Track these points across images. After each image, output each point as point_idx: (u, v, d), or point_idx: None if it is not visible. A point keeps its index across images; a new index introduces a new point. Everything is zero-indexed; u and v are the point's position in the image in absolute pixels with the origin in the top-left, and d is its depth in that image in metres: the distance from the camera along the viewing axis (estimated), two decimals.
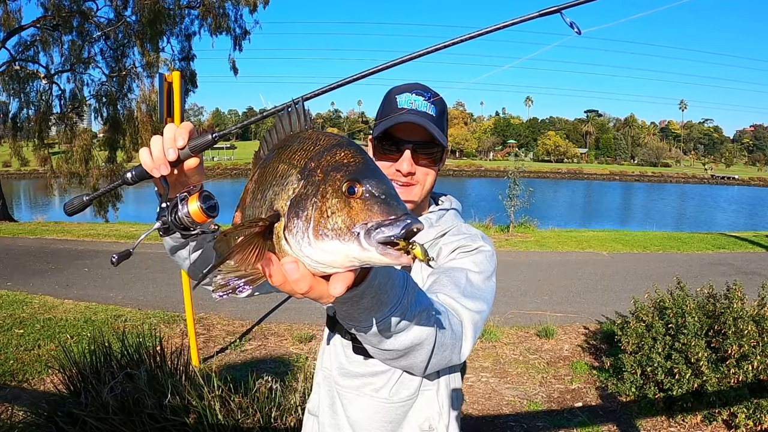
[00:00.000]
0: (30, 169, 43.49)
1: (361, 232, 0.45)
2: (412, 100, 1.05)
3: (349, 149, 0.52)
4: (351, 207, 0.46)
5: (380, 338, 0.74)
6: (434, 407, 1.07)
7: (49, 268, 7.50)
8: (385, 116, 1.06)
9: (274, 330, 4.95)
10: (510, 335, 4.93)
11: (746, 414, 2.94)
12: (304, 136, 0.59)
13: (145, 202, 27.12)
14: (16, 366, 3.99)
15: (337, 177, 0.48)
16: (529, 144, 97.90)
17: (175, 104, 3.59)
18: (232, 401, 2.42)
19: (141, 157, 0.80)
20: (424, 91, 1.07)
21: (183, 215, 0.78)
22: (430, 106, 1.06)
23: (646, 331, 3.45)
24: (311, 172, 0.50)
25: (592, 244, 10.22)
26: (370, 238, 0.45)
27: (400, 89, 1.08)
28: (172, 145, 0.78)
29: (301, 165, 0.52)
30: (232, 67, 17.26)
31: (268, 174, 0.57)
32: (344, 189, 0.47)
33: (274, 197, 0.52)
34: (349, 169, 0.49)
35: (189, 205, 0.77)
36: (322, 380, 1.16)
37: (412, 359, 0.82)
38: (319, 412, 1.15)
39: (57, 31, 14.91)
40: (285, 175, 0.53)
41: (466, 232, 1.13)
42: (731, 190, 53.40)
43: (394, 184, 0.95)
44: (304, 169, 0.51)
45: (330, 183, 0.48)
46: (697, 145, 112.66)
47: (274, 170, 0.56)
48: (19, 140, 17.29)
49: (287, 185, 0.51)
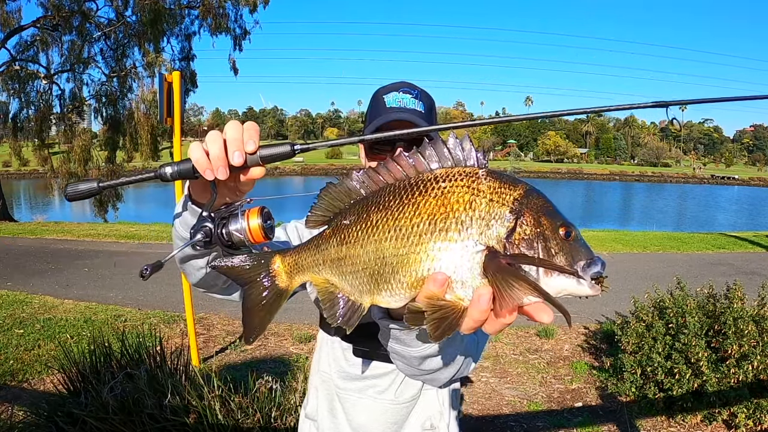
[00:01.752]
0: (30, 169, 43.49)
1: (578, 270, 0.52)
2: (400, 98, 1.05)
3: (542, 195, 0.56)
4: (570, 248, 0.53)
5: (421, 360, 0.77)
6: (435, 406, 1.07)
7: (49, 268, 7.50)
8: (374, 117, 1.06)
9: (274, 330, 4.95)
10: (510, 335, 4.92)
11: (746, 414, 2.93)
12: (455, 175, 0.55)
13: (145, 202, 27.11)
14: (16, 366, 3.99)
15: (555, 224, 0.53)
16: (529, 144, 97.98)
17: (175, 104, 3.59)
18: (232, 401, 2.42)
19: (192, 152, 0.67)
20: (411, 89, 1.07)
21: (236, 230, 0.69)
22: (418, 103, 1.06)
23: (646, 331, 3.45)
24: (522, 210, 0.53)
25: (592, 244, 9.94)
26: (587, 274, 0.52)
27: (386, 89, 1.08)
28: (239, 147, 0.65)
29: (501, 203, 0.53)
30: (232, 67, 17.25)
31: (427, 218, 0.53)
32: (562, 234, 0.53)
33: (479, 234, 0.52)
34: (557, 216, 0.54)
35: (249, 221, 0.69)
36: (320, 384, 1.15)
37: (439, 375, 0.86)
38: (318, 416, 1.15)
39: (57, 31, 14.89)
40: (485, 214, 0.52)
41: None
42: (731, 190, 53.39)
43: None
44: (516, 208, 0.53)
45: (549, 229, 0.53)
46: (697, 145, 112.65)
47: (440, 213, 0.53)
48: (19, 140, 17.29)
49: (493, 224, 0.52)
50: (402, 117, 1.02)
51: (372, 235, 0.54)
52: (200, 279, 0.88)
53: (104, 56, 15.89)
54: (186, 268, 0.89)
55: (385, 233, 0.53)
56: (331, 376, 1.12)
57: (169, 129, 3.85)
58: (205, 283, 0.90)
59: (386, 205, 0.55)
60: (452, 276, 0.51)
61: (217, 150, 0.65)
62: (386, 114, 1.03)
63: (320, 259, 0.60)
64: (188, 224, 0.77)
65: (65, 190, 0.70)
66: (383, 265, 0.54)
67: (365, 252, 0.55)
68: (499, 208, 0.52)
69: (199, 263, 0.85)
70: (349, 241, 0.56)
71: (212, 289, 0.94)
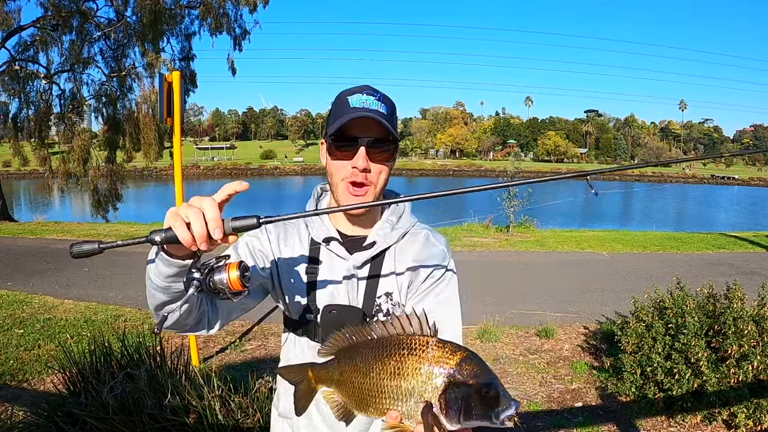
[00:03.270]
0: (30, 169, 43.39)
1: (492, 415, 0.71)
2: (363, 99, 1.05)
3: (474, 361, 0.75)
4: (488, 400, 0.72)
5: None
6: None
7: (49, 268, 7.50)
8: (338, 116, 1.06)
9: (274, 330, 4.95)
10: (510, 335, 4.93)
11: (746, 414, 2.94)
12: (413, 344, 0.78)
13: (145, 201, 27.15)
14: (16, 366, 3.99)
15: (478, 383, 0.73)
16: (529, 144, 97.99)
17: (175, 104, 3.60)
18: (232, 401, 2.43)
19: (177, 231, 0.79)
20: (374, 92, 1.08)
21: (218, 281, 0.85)
22: (381, 105, 1.06)
23: (646, 331, 3.45)
24: (454, 375, 0.74)
25: (592, 244, 10.22)
26: (499, 417, 0.71)
27: (350, 91, 1.08)
28: (219, 225, 0.79)
29: (438, 372, 0.75)
30: (231, 67, 17.25)
31: (390, 374, 0.78)
32: (483, 391, 0.72)
33: (422, 391, 0.75)
34: (481, 377, 0.73)
35: (229, 273, 0.85)
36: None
37: None
38: (292, 415, 1.16)
39: (57, 31, 14.89)
40: (426, 378, 0.75)
41: (434, 246, 1.16)
42: (731, 190, 53.40)
43: (348, 185, 1.06)
44: (449, 374, 0.74)
45: (474, 388, 0.73)
46: (697, 145, 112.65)
47: (399, 371, 0.77)
48: (19, 140, 17.28)
49: (432, 385, 0.75)
50: (366, 114, 1.02)
51: (358, 376, 0.82)
52: (175, 321, 0.96)
53: (104, 56, 15.90)
54: (160, 312, 0.95)
55: (365, 377, 0.80)
56: None
57: (170, 129, 3.86)
58: (176, 326, 0.98)
59: (366, 359, 0.81)
60: (403, 413, 0.77)
61: (199, 229, 0.79)
62: (350, 112, 1.04)
63: (329, 379, 0.89)
64: (162, 273, 0.88)
65: (71, 248, 0.83)
66: (364, 396, 0.81)
67: (354, 384, 0.83)
68: (437, 373, 0.75)
69: (173, 307, 0.93)
70: (344, 374, 0.85)
71: (183, 329, 1.01)
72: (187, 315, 0.96)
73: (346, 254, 1.12)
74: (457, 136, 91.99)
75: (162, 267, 0.87)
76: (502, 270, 7.80)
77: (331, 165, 1.09)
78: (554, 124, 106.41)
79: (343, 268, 1.12)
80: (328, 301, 1.11)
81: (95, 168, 16.47)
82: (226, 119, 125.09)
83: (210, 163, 70.10)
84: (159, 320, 0.89)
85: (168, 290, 0.90)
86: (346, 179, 1.07)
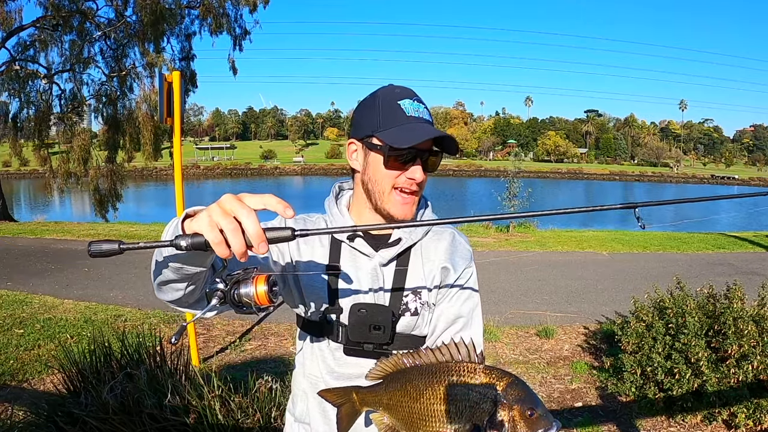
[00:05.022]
0: (30, 169, 43.46)
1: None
2: (416, 107, 1.03)
3: (519, 386, 0.79)
4: (533, 423, 0.76)
5: None
6: None
7: (49, 268, 7.50)
8: (394, 123, 1.02)
9: (274, 330, 4.95)
10: (510, 335, 4.93)
11: (746, 414, 2.94)
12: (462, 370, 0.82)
13: (145, 201, 27.13)
14: (16, 366, 3.99)
15: (523, 408, 0.77)
16: (529, 144, 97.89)
17: (175, 104, 3.60)
18: (232, 401, 2.42)
19: (216, 247, 0.71)
20: (419, 98, 1.06)
21: (244, 294, 0.80)
22: (427, 113, 1.05)
23: (646, 331, 3.45)
24: (500, 399, 0.78)
25: (592, 244, 10.22)
26: None
27: (398, 95, 1.04)
28: (263, 239, 0.72)
29: (485, 397, 0.79)
30: (231, 67, 17.22)
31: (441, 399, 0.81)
32: (528, 413, 0.76)
33: (470, 415, 0.79)
34: (527, 402, 0.78)
35: (256, 287, 0.81)
36: (309, 388, 1.14)
37: None
38: (311, 420, 1.14)
39: (57, 31, 14.89)
40: (474, 403, 0.79)
41: (461, 245, 1.15)
42: (731, 190, 53.37)
43: (400, 194, 1.05)
44: (496, 398, 0.78)
45: (518, 412, 0.77)
46: (697, 145, 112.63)
47: (449, 397, 0.81)
48: (19, 140, 17.28)
49: (480, 409, 0.79)
50: (438, 135, 1.02)
51: (408, 400, 0.85)
52: (178, 299, 0.93)
53: (104, 56, 15.87)
54: (164, 288, 0.91)
55: (415, 402, 0.84)
56: (320, 378, 1.11)
57: (170, 129, 3.86)
58: (178, 304, 0.96)
59: (417, 384, 0.84)
60: None
61: (239, 247, 0.71)
62: (409, 122, 1.01)
63: (377, 402, 0.91)
64: (178, 261, 0.82)
65: (89, 246, 0.75)
66: (414, 420, 0.84)
67: (404, 408, 0.86)
68: (485, 398, 0.79)
69: (179, 285, 0.89)
70: (395, 398, 0.87)
71: (183, 305, 0.98)
72: (190, 294, 0.92)
73: (371, 251, 1.08)
74: (457, 135, 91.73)
75: (181, 257, 0.81)
76: (503, 270, 7.80)
77: (378, 172, 1.04)
78: (554, 124, 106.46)
79: (368, 265, 1.08)
80: (352, 300, 1.07)
81: (95, 168, 16.45)
82: (226, 119, 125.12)
83: (210, 163, 70.12)
84: (178, 330, 0.81)
85: (179, 271, 0.84)
86: (397, 186, 1.04)
